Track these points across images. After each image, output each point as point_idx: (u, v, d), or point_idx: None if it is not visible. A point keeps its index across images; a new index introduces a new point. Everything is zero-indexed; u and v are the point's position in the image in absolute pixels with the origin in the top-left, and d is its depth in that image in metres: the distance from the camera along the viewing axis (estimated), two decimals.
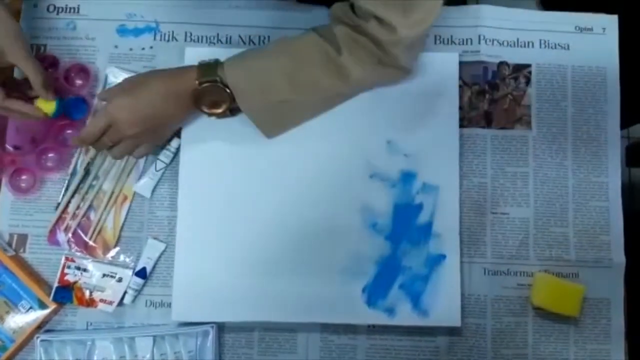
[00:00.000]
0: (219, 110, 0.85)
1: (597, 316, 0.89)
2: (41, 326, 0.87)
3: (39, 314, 0.86)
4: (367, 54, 0.79)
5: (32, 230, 0.89)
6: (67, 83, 0.91)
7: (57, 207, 0.89)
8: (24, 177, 0.90)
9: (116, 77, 0.91)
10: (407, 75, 0.87)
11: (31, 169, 0.90)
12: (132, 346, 0.86)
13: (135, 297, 0.87)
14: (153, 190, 0.90)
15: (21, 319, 0.86)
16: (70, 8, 0.94)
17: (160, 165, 0.89)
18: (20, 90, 0.83)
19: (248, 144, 0.88)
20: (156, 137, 0.86)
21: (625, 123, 0.96)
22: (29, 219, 0.90)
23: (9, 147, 0.90)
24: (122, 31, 0.94)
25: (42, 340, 0.85)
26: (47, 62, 0.91)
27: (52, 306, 0.86)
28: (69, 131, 0.91)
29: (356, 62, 0.79)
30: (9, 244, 0.89)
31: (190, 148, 0.88)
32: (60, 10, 0.94)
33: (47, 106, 0.83)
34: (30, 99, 0.83)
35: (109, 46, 0.93)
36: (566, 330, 0.89)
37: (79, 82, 0.92)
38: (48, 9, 0.94)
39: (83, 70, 0.92)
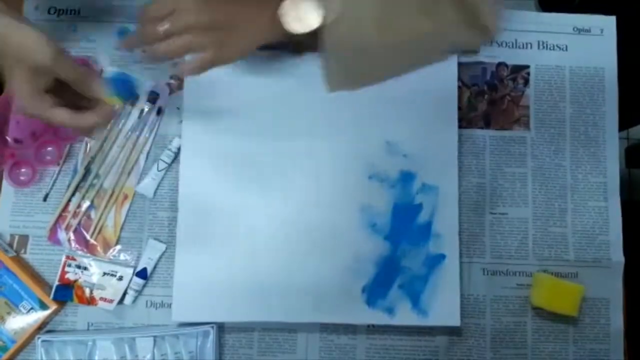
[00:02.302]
0: (300, 32, 0.73)
1: (596, 316, 0.89)
2: (42, 327, 0.87)
3: (39, 315, 0.86)
4: None
5: (32, 231, 0.90)
6: None
7: (45, 198, 0.90)
8: (23, 169, 0.91)
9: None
10: (488, 37, 0.84)
11: (30, 162, 0.90)
12: (133, 346, 0.86)
13: (136, 297, 0.88)
14: (155, 191, 0.90)
15: (22, 320, 0.86)
16: (70, 10, 0.95)
17: (162, 165, 0.89)
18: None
19: (248, 144, 0.88)
20: (222, 44, 0.73)
21: (624, 125, 0.96)
22: (30, 219, 0.90)
23: (10, 141, 0.91)
24: (123, 33, 0.94)
25: (43, 341, 0.85)
26: None
27: (53, 307, 0.86)
28: None
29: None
30: (10, 245, 0.89)
31: (190, 148, 0.88)
32: (60, 12, 0.95)
33: (111, 99, 0.74)
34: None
35: (110, 48, 0.94)
36: (565, 330, 0.89)
37: None
38: (49, 11, 0.95)
39: (84, 64, 0.92)
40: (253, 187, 0.88)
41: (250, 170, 0.88)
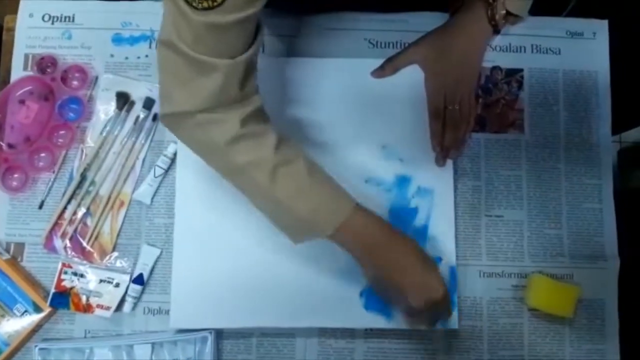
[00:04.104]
0: None
1: (592, 316, 0.90)
2: (36, 330, 0.87)
3: (34, 318, 0.86)
4: None
5: (28, 239, 0.89)
6: (64, 84, 0.92)
7: (40, 206, 0.90)
8: (15, 175, 0.91)
9: (108, 85, 0.92)
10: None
11: (23, 168, 0.90)
12: (131, 353, 0.86)
13: (135, 304, 0.87)
14: (152, 197, 0.90)
15: (16, 323, 0.86)
16: (65, 17, 0.95)
17: (158, 171, 0.89)
18: None
19: None
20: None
21: (616, 129, 0.97)
22: (26, 227, 0.90)
23: (4, 146, 0.90)
24: (118, 40, 0.94)
25: (40, 349, 0.84)
26: (45, 62, 0.92)
27: (47, 310, 0.86)
28: (62, 132, 0.91)
29: None
30: (6, 251, 0.89)
31: (186, 154, 0.87)
32: (55, 19, 0.95)
33: None
34: None
35: (105, 55, 0.94)
36: (562, 330, 0.89)
37: (75, 83, 0.93)
38: (43, 19, 0.95)
39: (81, 72, 0.92)
40: None
41: None
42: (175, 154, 0.89)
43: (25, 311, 0.86)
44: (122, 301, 0.87)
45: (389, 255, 0.77)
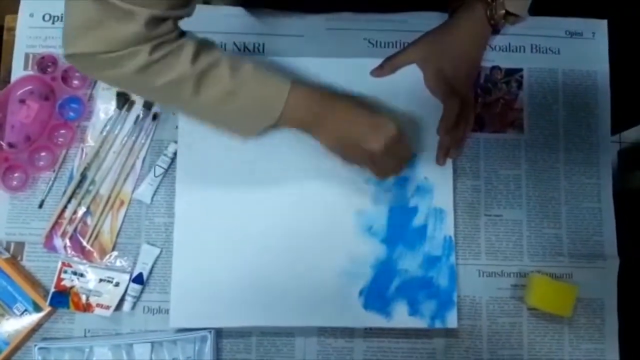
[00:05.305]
0: None
1: (591, 316, 0.90)
2: (36, 329, 0.87)
3: (34, 317, 0.86)
4: None
5: (29, 238, 0.90)
6: (65, 83, 0.92)
7: (41, 205, 0.90)
8: (16, 174, 0.91)
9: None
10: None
11: (23, 167, 0.90)
12: (130, 352, 0.86)
13: (135, 303, 0.88)
14: (152, 196, 0.90)
15: (16, 322, 0.86)
16: None
17: (159, 170, 0.90)
18: None
19: (245, 148, 0.88)
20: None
21: (616, 129, 0.97)
22: (26, 227, 0.90)
23: (4, 145, 0.91)
24: None
25: (40, 348, 0.85)
26: (46, 62, 0.93)
27: (47, 309, 0.86)
28: (62, 131, 0.91)
29: None
30: (6, 250, 0.89)
31: (186, 154, 0.88)
32: (55, 19, 0.95)
33: None
34: None
35: None
36: (561, 330, 0.89)
37: (76, 82, 0.93)
38: (44, 18, 0.95)
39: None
40: (249, 192, 0.88)
41: (246, 175, 0.88)
42: (175, 154, 0.90)
43: (25, 310, 0.86)
44: (121, 300, 0.87)
45: (337, 115, 0.79)
